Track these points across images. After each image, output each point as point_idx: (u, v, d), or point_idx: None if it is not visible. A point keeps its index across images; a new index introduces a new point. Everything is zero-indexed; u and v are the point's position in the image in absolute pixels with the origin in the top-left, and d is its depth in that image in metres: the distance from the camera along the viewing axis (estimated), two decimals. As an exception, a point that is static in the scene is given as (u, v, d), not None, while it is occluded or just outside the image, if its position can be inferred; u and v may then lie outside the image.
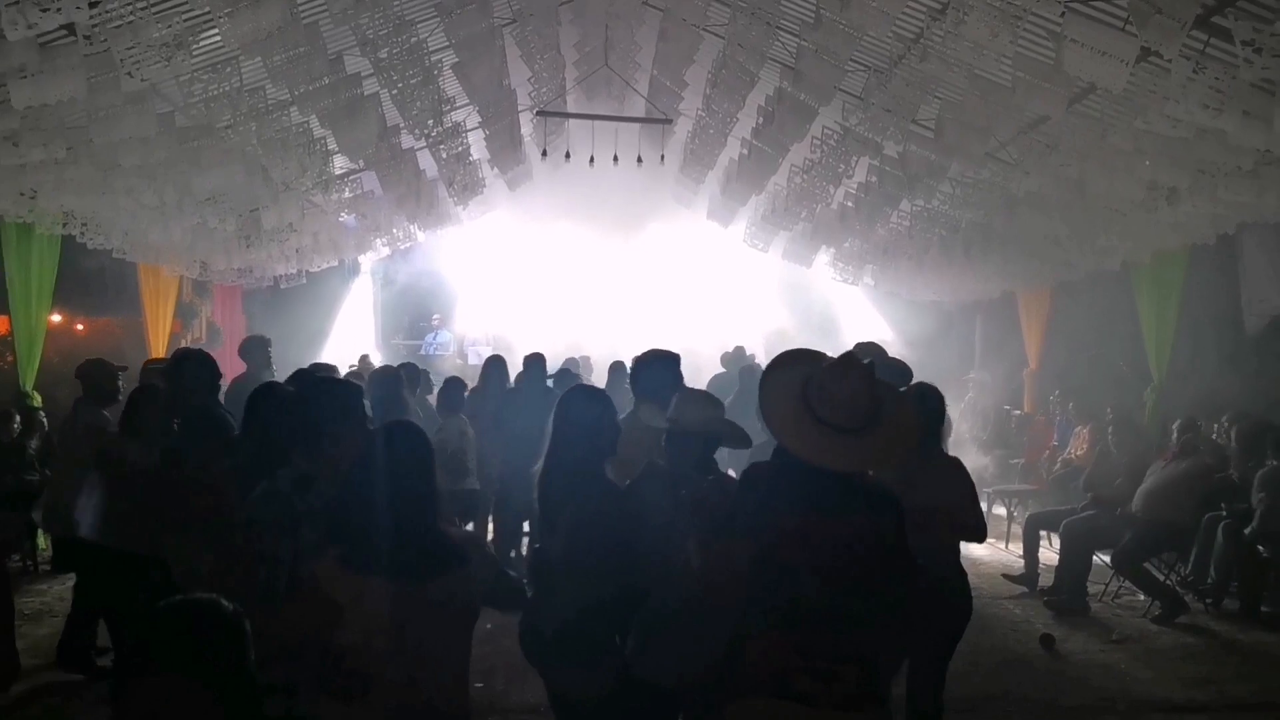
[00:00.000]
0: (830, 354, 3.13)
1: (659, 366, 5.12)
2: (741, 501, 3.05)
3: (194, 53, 6.76)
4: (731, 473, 4.59)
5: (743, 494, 3.06)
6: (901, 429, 3.01)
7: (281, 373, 9.00)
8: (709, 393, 4.47)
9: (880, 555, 2.85)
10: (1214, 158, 7.39)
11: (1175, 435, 8.88)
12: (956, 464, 4.79)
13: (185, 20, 6.49)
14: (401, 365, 9.43)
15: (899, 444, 3.01)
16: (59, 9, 5.38)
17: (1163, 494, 8.43)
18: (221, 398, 6.58)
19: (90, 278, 11.95)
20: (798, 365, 3.06)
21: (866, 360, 3.05)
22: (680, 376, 5.15)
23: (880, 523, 2.88)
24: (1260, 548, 8.13)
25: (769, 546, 2.86)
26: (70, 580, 8.53)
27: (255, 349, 8.65)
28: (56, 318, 12.90)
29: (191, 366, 6.02)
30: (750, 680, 2.88)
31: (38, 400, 10.08)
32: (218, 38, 7.02)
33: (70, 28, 6.07)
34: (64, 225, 9.24)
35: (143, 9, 6.04)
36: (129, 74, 6.11)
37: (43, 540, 9.00)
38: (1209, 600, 8.44)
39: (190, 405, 5.65)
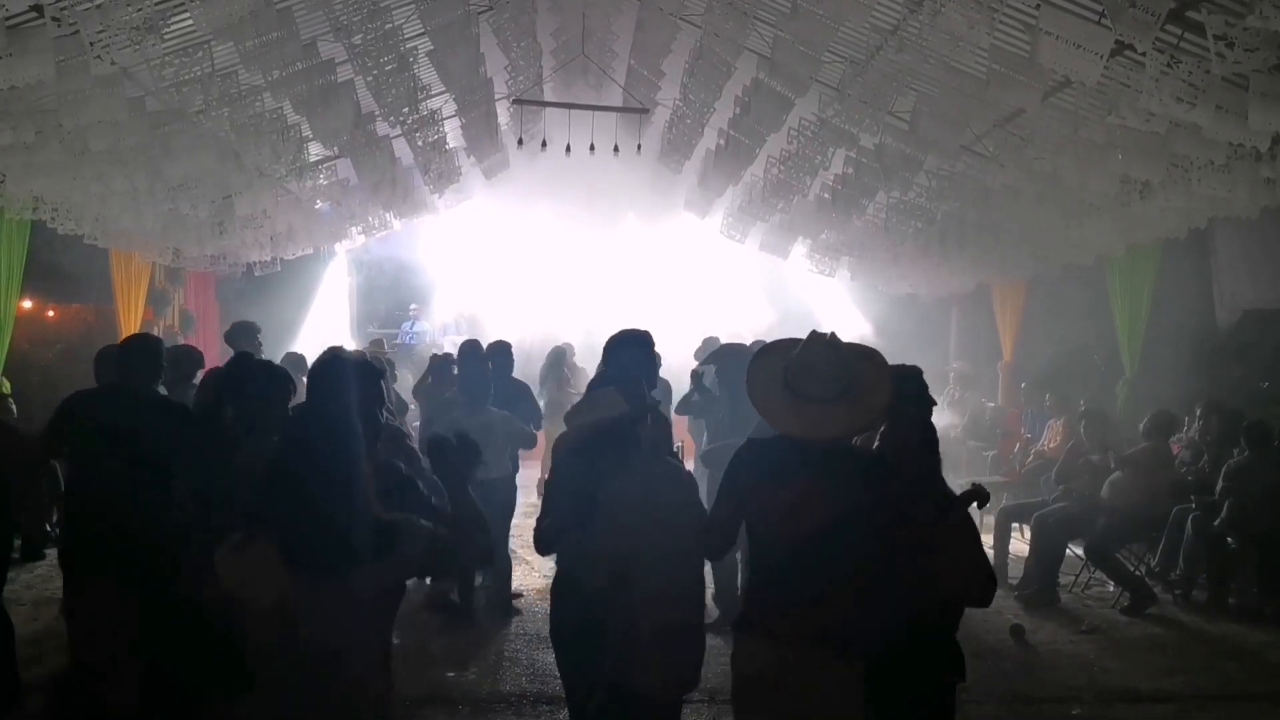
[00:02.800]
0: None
1: (632, 349, 4.71)
2: (728, 474, 3.43)
3: (165, 36, 6.68)
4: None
5: (730, 469, 3.43)
6: (872, 393, 3.28)
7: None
8: (605, 391, 4.25)
9: (841, 514, 3.14)
10: (1187, 152, 7.43)
11: (1145, 427, 8.93)
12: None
13: (156, 3, 6.41)
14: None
15: (869, 410, 3.29)
16: (25, -10, 5.31)
17: (1132, 483, 8.49)
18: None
19: (61, 263, 11.80)
20: (780, 350, 3.44)
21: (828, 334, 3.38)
22: (653, 358, 4.80)
23: (845, 485, 3.18)
24: (1228, 539, 8.20)
25: (739, 507, 3.36)
26: (37, 569, 8.51)
27: (242, 335, 8.60)
28: (27, 304, 12.75)
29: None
30: (746, 623, 3.31)
31: (7, 387, 9.97)
32: (189, 21, 6.94)
33: (39, 9, 5.99)
34: (34, 210, 9.08)
35: (112, -9, 5.96)
36: (98, 57, 6.02)
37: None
38: (1178, 591, 8.51)
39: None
